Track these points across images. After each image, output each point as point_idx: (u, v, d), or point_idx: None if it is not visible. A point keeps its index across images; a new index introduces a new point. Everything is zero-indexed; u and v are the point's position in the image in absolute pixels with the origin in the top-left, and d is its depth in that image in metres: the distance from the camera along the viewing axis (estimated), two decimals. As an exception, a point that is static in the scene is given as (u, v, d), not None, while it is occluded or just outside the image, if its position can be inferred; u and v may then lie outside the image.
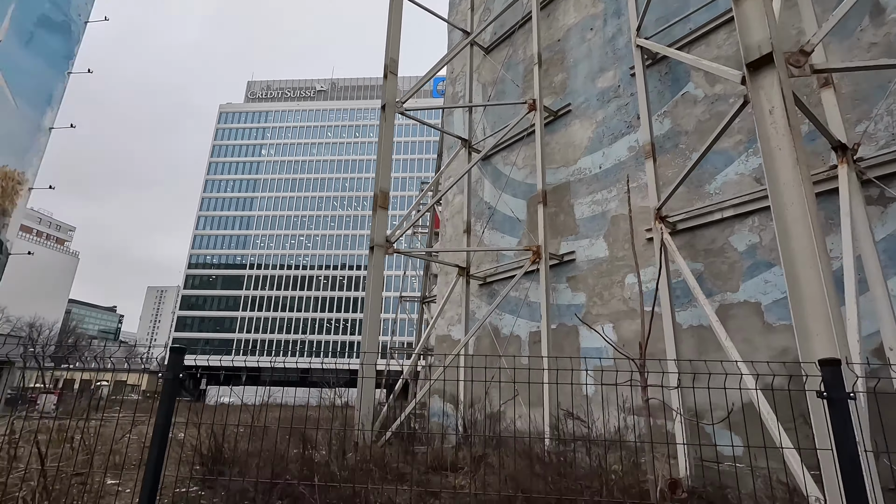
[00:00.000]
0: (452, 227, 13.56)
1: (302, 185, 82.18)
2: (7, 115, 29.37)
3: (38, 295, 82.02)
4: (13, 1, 29.72)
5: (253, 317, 74.94)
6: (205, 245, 79.26)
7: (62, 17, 33.33)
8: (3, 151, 29.15)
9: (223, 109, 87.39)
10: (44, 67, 32.15)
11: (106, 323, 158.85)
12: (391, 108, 11.26)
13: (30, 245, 76.71)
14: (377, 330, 9.78)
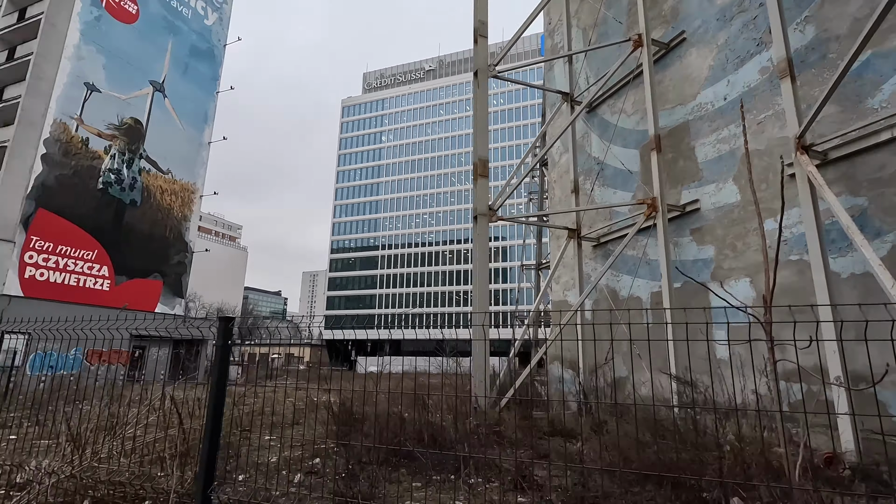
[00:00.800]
0: (560, 188, 12.91)
1: (421, 166, 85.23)
2: (177, 136, 35.06)
3: (222, 284, 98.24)
4: (170, 40, 35.03)
5: (389, 293, 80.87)
6: (342, 231, 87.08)
7: (207, 45, 38.39)
8: (178, 168, 34.95)
9: (345, 104, 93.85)
10: (198, 91, 37.51)
11: (274, 305, 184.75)
12: (484, 73, 10.95)
13: (208, 243, 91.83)
14: (486, 298, 9.81)
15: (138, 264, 31.32)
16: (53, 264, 27.08)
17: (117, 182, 30.73)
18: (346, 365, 63.48)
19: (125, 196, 31.11)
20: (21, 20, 29.03)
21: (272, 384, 12.34)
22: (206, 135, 37.47)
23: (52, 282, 26.92)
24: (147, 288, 31.84)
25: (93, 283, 28.85)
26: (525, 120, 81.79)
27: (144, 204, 32.25)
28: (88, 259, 28.68)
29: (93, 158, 29.45)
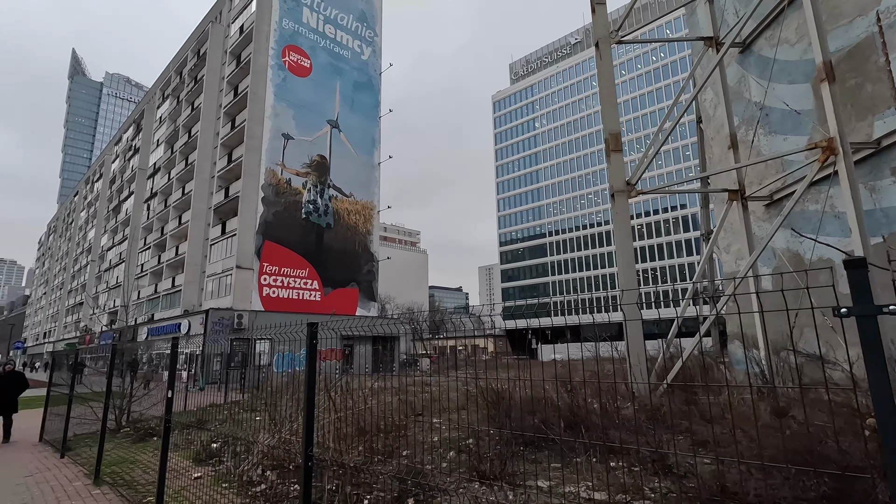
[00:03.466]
0: (718, 145, 11.40)
1: (579, 145, 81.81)
2: (353, 163, 40.32)
3: (409, 286, 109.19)
4: (337, 81, 40.48)
5: (561, 279, 79.61)
6: (508, 224, 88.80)
7: (366, 78, 43.23)
8: (357, 190, 40.12)
9: (495, 99, 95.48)
10: (364, 120, 42.45)
11: (457, 300, 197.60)
12: (605, 43, 10.40)
13: (392, 251, 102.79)
14: (633, 276, 9.33)
15: (338, 276, 37.11)
16: (280, 283, 33.91)
17: (315, 210, 36.91)
18: (528, 353, 64.47)
19: (322, 221, 37.18)
20: (235, 96, 37.02)
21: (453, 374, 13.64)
22: (375, 157, 42.37)
23: (281, 297, 33.74)
24: (347, 295, 37.52)
25: (308, 295, 35.25)
26: (669, 78, 72.51)
27: (336, 225, 38.04)
28: (302, 276, 35.13)
29: (296, 194, 35.95)
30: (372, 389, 8.59)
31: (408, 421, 7.77)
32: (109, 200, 60.61)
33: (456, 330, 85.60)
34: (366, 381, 9.16)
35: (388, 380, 11.73)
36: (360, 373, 21.78)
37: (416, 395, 8.69)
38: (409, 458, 6.47)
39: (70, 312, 67.80)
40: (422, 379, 10.21)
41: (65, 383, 10.94)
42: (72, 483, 6.69)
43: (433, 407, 9.39)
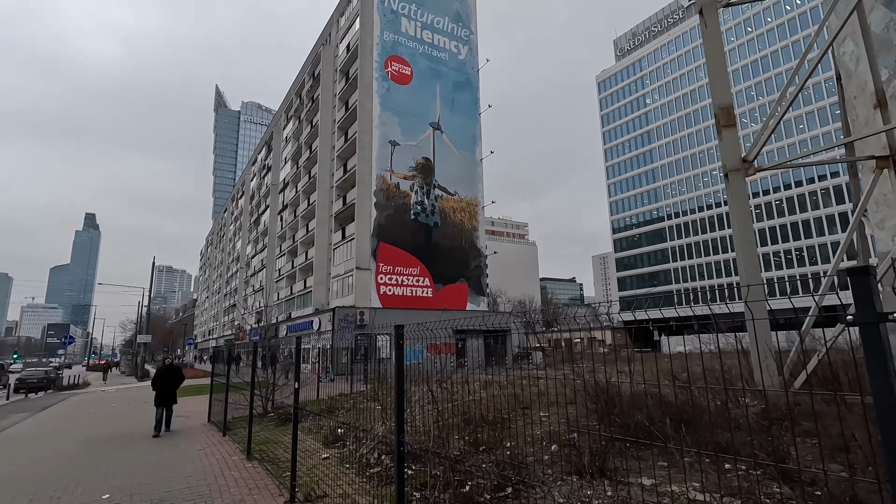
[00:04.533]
0: (862, 105, 9.79)
1: (695, 118, 74.39)
2: (457, 162, 41.28)
3: (519, 279, 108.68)
4: (437, 84, 41.71)
5: (684, 266, 73.27)
6: (621, 209, 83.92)
7: (464, 77, 43.90)
8: (461, 187, 41.01)
9: (599, 79, 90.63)
10: (464, 119, 43.16)
11: (571, 292, 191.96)
12: (710, 8, 9.54)
13: (500, 245, 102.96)
14: (755, 265, 8.46)
15: (447, 273, 38.39)
16: (394, 282, 36.08)
17: (422, 211, 38.57)
18: (650, 346, 60.50)
19: (429, 220, 38.73)
20: (346, 110, 40.07)
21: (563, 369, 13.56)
22: (477, 154, 42.95)
23: (396, 295, 35.90)
24: (457, 291, 38.66)
25: (420, 292, 37.01)
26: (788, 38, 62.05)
27: (443, 224, 39.35)
28: (414, 274, 36.98)
29: (404, 197, 37.91)
30: (481, 382, 8.97)
31: (513, 414, 7.99)
32: (251, 214, 69.32)
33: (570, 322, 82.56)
34: (476, 375, 9.56)
35: (499, 373, 12.02)
36: (472, 366, 22.46)
37: (526, 388, 8.86)
38: (511, 450, 6.69)
39: (226, 313, 79.00)
40: (533, 372, 10.34)
41: (223, 374, 13.01)
42: (231, 457, 8.04)
43: (541, 401, 9.48)
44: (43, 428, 12.96)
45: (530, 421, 8.10)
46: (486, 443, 7.21)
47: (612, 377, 7.78)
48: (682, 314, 64.32)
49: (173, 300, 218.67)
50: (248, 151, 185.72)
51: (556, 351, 37.59)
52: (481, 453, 6.52)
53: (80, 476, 7.16)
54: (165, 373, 11.65)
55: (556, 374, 9.45)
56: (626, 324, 70.88)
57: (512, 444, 6.92)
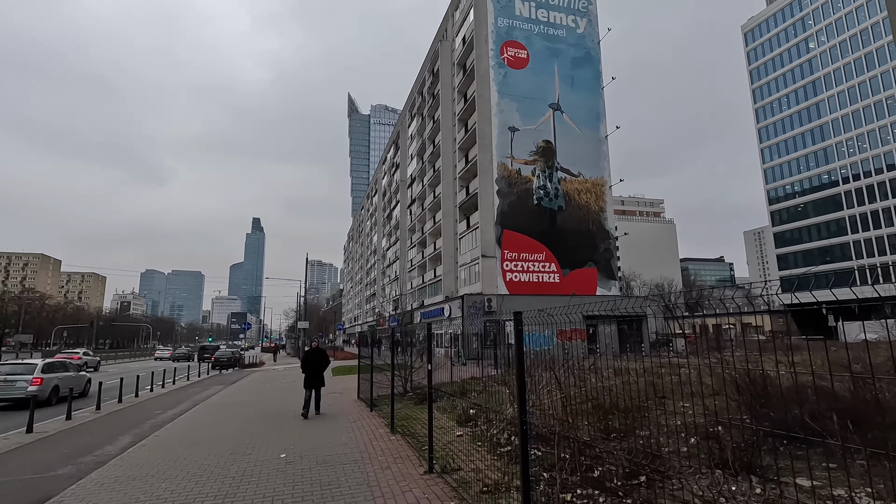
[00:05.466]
0: None
1: (882, 56, 60.85)
2: (579, 141, 39.67)
3: (656, 260, 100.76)
4: (555, 63, 40.39)
5: (868, 237, 61.00)
6: (779, 176, 72.67)
7: (584, 52, 41.83)
8: (586, 168, 39.37)
9: (746, 29, 78.93)
10: (586, 95, 41.21)
11: (719, 272, 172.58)
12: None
13: (631, 225, 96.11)
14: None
15: (574, 257, 37.26)
16: (520, 268, 36.12)
17: (546, 195, 37.86)
18: (823, 333, 51.96)
19: (553, 204, 37.89)
20: (465, 102, 40.85)
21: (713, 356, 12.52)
22: (601, 130, 40.70)
23: (522, 281, 35.94)
24: (585, 276, 37.34)
25: (547, 277, 36.53)
26: None
27: (568, 207, 38.18)
28: (540, 260, 36.58)
29: (526, 183, 37.58)
30: (614, 369, 8.77)
31: (649, 402, 7.69)
32: (384, 210, 74.68)
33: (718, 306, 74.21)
34: (608, 361, 9.35)
35: (635, 360, 11.54)
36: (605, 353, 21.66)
37: (664, 377, 8.45)
38: (645, 438, 6.48)
39: (368, 301, 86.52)
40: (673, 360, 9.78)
41: (368, 357, 14.47)
42: (377, 430, 9.01)
43: (683, 390, 8.93)
44: (234, 398, 15.77)
45: (666, 411, 7.71)
46: (616, 430, 7.06)
47: (769, 367, 7.05)
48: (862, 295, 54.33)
49: (324, 290, 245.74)
50: (379, 152, 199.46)
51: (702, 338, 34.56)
52: (612, 440, 6.42)
53: (262, 438, 8.68)
54: (313, 355, 11.66)
55: (701, 362, 8.83)
56: (788, 307, 61.60)
57: (646, 433, 6.68)
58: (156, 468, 6.77)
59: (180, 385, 21.81)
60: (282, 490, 5.49)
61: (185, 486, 5.83)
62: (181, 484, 5.92)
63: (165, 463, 7.04)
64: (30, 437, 9.50)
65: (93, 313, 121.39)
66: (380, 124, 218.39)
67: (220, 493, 5.50)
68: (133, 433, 9.76)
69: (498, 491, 4.88)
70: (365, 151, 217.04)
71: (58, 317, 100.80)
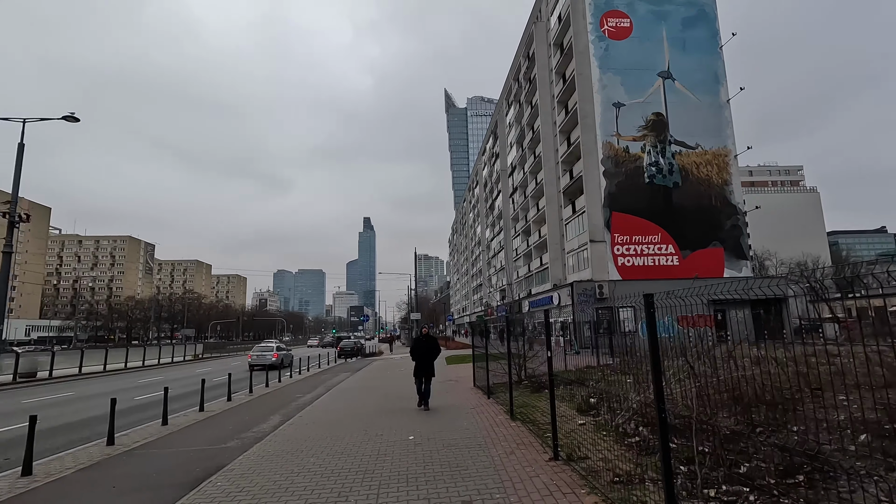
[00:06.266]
0: None
1: None
2: (695, 110, 36.20)
3: (797, 235, 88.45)
4: (662, 27, 37.16)
5: None
6: (963, 124, 59.34)
7: (696, 10, 37.99)
8: (705, 138, 35.88)
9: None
10: (701, 57, 37.47)
11: (880, 245, 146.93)
12: None
13: (763, 198, 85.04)
14: None
15: (695, 237, 34.15)
16: (633, 252, 34.04)
17: (658, 172, 35.14)
18: None
19: (667, 181, 35.04)
20: (564, 82, 39.32)
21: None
22: (722, 95, 36.63)
23: (636, 265, 33.86)
24: (709, 256, 34.05)
25: (664, 260, 33.97)
26: None
27: (685, 182, 35.06)
28: (655, 242, 34.12)
29: (635, 160, 35.22)
30: (752, 357, 7.97)
31: (800, 395, 6.86)
32: (486, 201, 75.02)
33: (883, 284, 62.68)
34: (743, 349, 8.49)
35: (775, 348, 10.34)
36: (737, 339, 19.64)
37: (816, 366, 7.48)
38: (800, 434, 5.78)
39: (475, 292, 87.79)
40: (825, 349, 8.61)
41: (480, 346, 14.73)
42: (496, 416, 9.15)
43: (844, 382, 7.83)
44: (360, 384, 17.06)
45: (825, 405, 6.79)
46: (764, 423, 6.38)
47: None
48: None
49: (432, 283, 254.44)
50: (478, 144, 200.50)
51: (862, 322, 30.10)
52: (758, 434, 5.81)
53: (389, 420, 9.28)
54: (423, 342, 10.94)
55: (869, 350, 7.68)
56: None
57: (800, 427, 5.95)
58: (303, 444, 7.58)
59: (313, 372, 24.12)
60: (414, 469, 5.84)
61: (329, 461, 6.46)
62: (326, 460, 6.57)
63: (310, 440, 7.85)
64: (202, 415, 11.18)
65: (238, 310, 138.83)
66: (477, 116, 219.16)
67: (360, 469, 6.00)
68: (281, 413, 11.03)
69: (631, 482, 4.69)
70: (464, 144, 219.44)
71: (212, 313, 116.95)
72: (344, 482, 5.48)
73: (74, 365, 25.36)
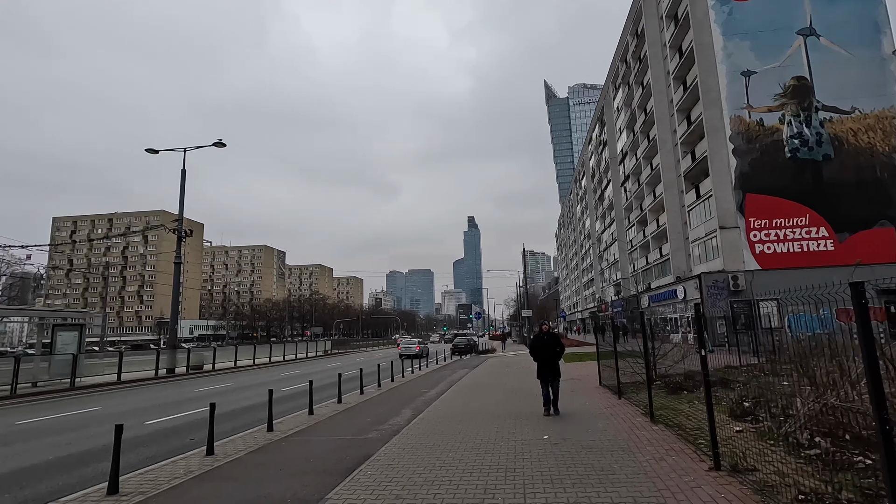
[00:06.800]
0: None
1: None
2: (847, 68, 31.00)
3: None
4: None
5: None
6: None
7: (844, -50, 32.42)
8: (861, 100, 30.67)
9: None
10: (853, 5, 32.05)
11: None
12: None
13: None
14: None
15: (855, 216, 29.21)
16: (774, 237, 30.08)
17: (803, 144, 30.65)
18: None
19: (815, 154, 30.41)
20: (681, 57, 36.02)
21: None
22: (884, 46, 30.86)
23: (778, 252, 29.88)
24: (875, 238, 28.88)
25: (814, 245, 29.53)
26: None
27: (838, 154, 30.14)
28: (802, 225, 29.79)
29: (772, 134, 31.09)
30: None
31: None
32: (594, 192, 71.66)
33: None
34: None
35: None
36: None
37: None
38: None
39: (586, 287, 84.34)
40: None
41: (600, 342, 14.04)
42: (634, 418, 8.59)
43: None
44: (481, 381, 17.22)
45: None
46: None
47: None
48: None
49: (538, 279, 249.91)
50: (581, 133, 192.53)
51: None
52: None
53: (518, 419, 9.19)
54: (545, 340, 9.78)
55: None
56: None
57: None
58: (438, 439, 7.80)
59: (432, 368, 24.93)
60: (556, 470, 5.67)
61: (467, 456, 6.55)
62: (464, 455, 6.66)
63: (444, 436, 8.05)
64: (341, 406, 12.09)
65: (357, 309, 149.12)
66: (579, 104, 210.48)
67: (501, 466, 5.98)
68: (411, 408, 11.51)
69: (821, 502, 4.05)
70: (567, 135, 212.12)
71: (334, 312, 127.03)
72: (487, 479, 5.50)
73: (230, 359, 29.12)
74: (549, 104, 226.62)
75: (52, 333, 19.83)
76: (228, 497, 5.43)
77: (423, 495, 5.04)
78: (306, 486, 5.65)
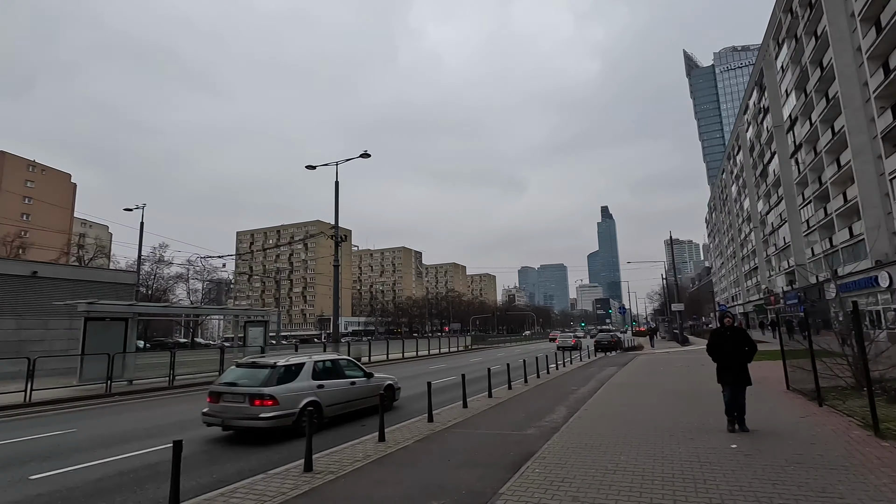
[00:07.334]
0: None
1: None
2: None
3: None
4: None
5: None
6: None
7: None
8: None
9: None
10: None
11: None
12: None
13: None
14: None
15: None
16: None
17: None
18: None
19: None
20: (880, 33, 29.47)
21: None
22: None
23: None
24: None
25: None
26: None
27: None
28: None
29: None
30: None
31: None
32: (753, 168, 62.50)
33: None
34: None
35: None
36: None
37: None
38: None
39: (748, 277, 74.04)
40: None
41: (794, 341, 12.03)
42: (849, 431, 7.13)
43: None
44: (633, 379, 16.05)
45: None
46: None
47: None
48: None
49: (685, 269, 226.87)
50: (733, 103, 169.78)
51: None
52: None
53: (687, 421, 8.25)
54: (728, 337, 7.88)
55: None
56: None
57: None
58: (603, 440, 7.34)
59: (577, 365, 24.03)
60: (759, 487, 4.89)
61: (642, 461, 6.03)
62: (638, 459, 6.15)
63: (608, 437, 7.56)
64: (492, 401, 12.18)
65: (491, 305, 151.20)
66: (728, 70, 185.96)
67: (687, 476, 5.37)
68: (565, 405, 11.12)
69: None
70: (714, 108, 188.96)
71: (470, 309, 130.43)
72: (674, 488, 4.96)
73: (383, 352, 31.58)
74: (690, 76, 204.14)
75: (245, 329, 23.47)
76: (408, 481, 5.73)
77: (602, 501, 4.73)
78: (479, 478, 5.70)
